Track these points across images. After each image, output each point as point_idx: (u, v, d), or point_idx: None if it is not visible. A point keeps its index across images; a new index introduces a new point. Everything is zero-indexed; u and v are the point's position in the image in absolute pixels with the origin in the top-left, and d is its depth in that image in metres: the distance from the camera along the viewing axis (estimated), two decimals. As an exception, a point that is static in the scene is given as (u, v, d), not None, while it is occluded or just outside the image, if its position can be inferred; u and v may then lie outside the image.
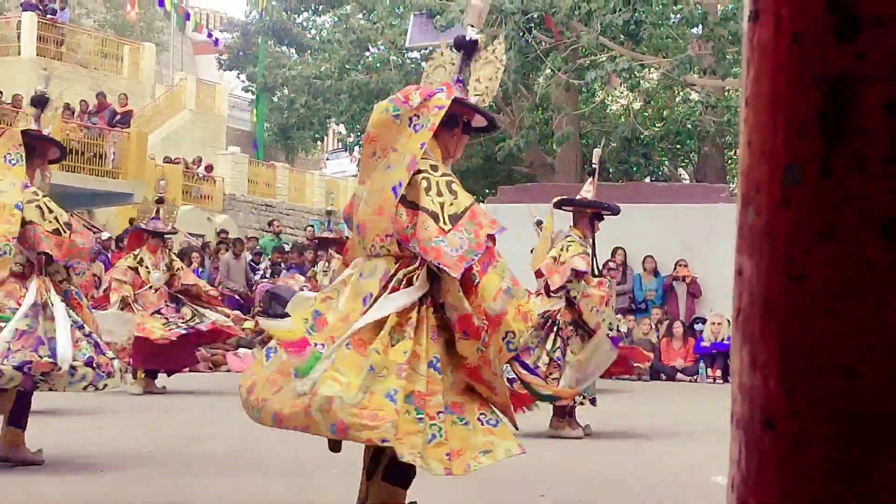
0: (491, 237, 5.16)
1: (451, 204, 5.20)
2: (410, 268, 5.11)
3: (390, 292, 5.10)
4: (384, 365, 4.95)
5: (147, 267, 13.36)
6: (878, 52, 1.17)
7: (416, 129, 5.27)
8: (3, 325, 7.30)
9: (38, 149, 7.77)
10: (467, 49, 5.68)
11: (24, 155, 7.53)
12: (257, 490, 6.95)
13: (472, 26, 5.74)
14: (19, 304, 7.38)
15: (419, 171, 5.26)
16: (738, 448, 1.24)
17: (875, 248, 1.14)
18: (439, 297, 5.10)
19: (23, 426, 7.58)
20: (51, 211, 7.54)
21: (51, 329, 7.36)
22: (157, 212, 14.01)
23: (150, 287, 13.32)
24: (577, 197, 10.24)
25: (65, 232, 7.54)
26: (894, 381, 1.14)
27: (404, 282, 5.11)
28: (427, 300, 5.13)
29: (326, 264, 16.55)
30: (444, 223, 5.12)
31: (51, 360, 7.24)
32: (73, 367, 7.31)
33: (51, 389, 7.50)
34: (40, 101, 8.14)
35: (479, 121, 5.65)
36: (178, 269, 13.75)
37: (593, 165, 10.46)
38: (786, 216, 1.20)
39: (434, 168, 5.31)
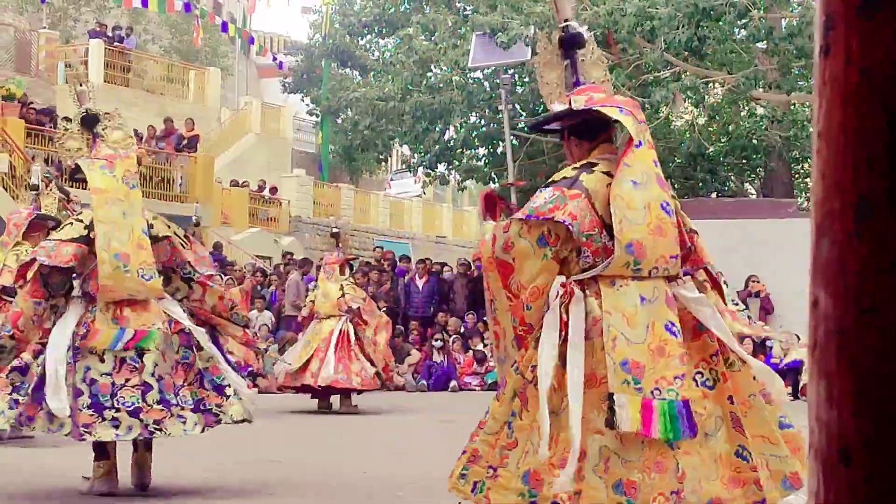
0: None
1: (684, 223, 5.21)
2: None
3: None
4: None
5: None
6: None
7: (639, 145, 5.10)
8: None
9: None
10: (578, 43, 5.54)
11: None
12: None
13: (568, 20, 5.62)
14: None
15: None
16: (817, 480, 1.24)
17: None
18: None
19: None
20: (168, 227, 7.79)
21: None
22: (192, 235, 14.03)
23: None
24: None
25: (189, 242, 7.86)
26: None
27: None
28: None
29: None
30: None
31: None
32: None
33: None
34: (89, 121, 8.12)
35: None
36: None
37: None
38: (858, 249, 1.21)
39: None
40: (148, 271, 7.41)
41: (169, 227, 7.77)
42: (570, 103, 5.27)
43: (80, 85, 8.41)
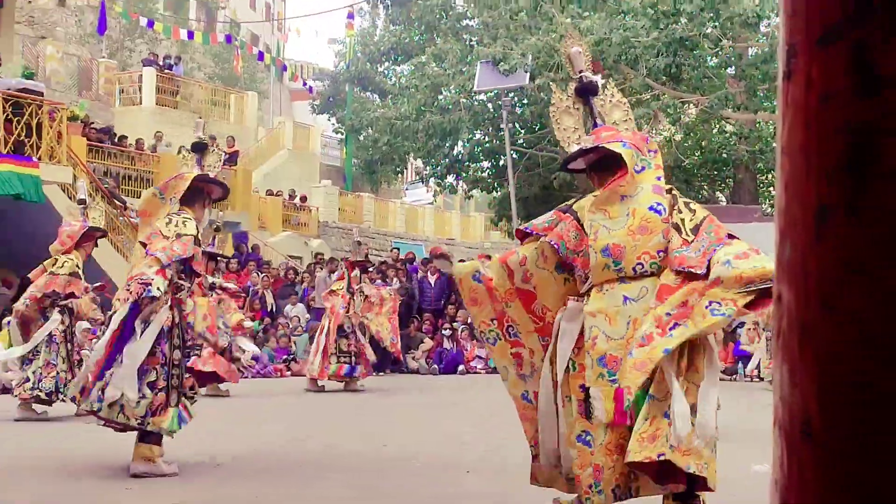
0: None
1: (690, 220, 4.97)
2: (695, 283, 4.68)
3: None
4: None
5: None
6: (898, 107, 1.17)
7: (640, 170, 5.03)
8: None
9: (204, 190, 7.75)
10: (592, 91, 5.54)
11: (175, 197, 7.52)
12: (340, 485, 6.99)
13: (583, 71, 5.59)
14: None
15: (669, 190, 5.10)
16: (781, 452, 1.24)
17: (898, 280, 1.15)
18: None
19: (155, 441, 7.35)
20: (177, 225, 7.35)
21: None
22: (214, 239, 14.04)
23: None
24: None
25: (172, 239, 7.31)
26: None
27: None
28: None
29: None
30: (687, 235, 4.88)
31: None
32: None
33: None
34: (199, 147, 8.15)
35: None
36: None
37: None
38: (818, 252, 1.21)
39: (670, 190, 5.12)
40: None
41: (172, 223, 7.43)
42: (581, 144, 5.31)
43: (199, 118, 8.52)
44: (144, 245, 7.36)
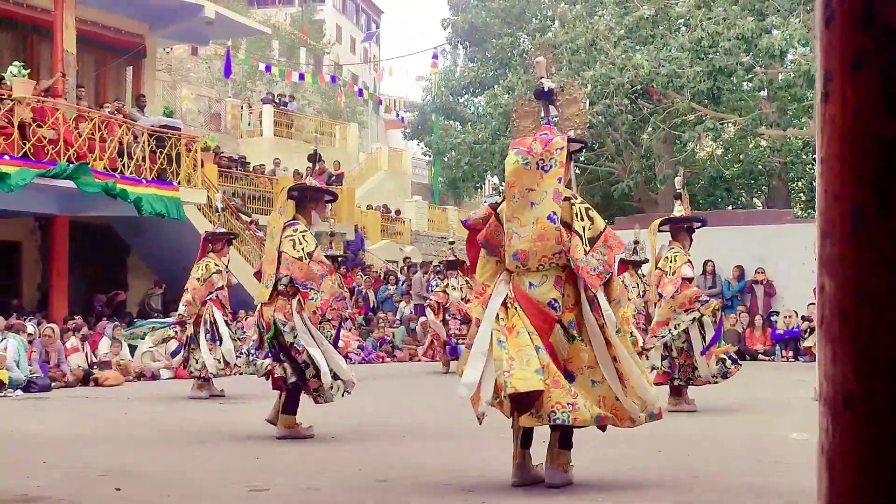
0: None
1: (589, 229, 5.17)
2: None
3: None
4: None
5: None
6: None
7: (546, 169, 5.21)
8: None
9: (309, 197, 7.63)
10: (547, 96, 5.65)
11: (290, 209, 7.52)
12: (431, 451, 7.00)
13: (544, 77, 5.68)
14: (287, 319, 7.33)
15: (567, 199, 5.22)
16: (826, 423, 1.23)
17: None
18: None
19: (293, 412, 7.55)
20: (300, 242, 7.36)
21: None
22: (331, 243, 14.46)
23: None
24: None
25: (306, 259, 7.36)
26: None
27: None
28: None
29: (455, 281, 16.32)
30: (585, 245, 5.13)
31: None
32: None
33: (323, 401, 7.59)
34: (313, 157, 8.23)
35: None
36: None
37: (678, 190, 10.03)
38: (855, 248, 1.19)
39: (575, 196, 5.28)
40: (269, 281, 7.41)
41: (299, 244, 7.41)
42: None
43: (316, 133, 8.65)
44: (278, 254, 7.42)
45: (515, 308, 5.18)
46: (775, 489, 5.29)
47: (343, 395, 7.60)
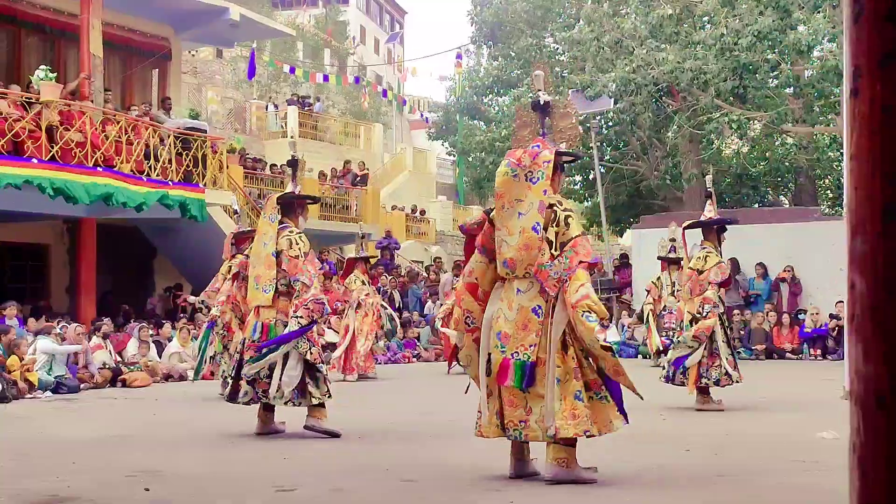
0: (589, 264, 5.40)
1: (563, 234, 5.42)
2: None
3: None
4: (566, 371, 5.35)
5: None
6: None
7: (534, 181, 5.40)
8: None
9: (296, 204, 8.00)
10: (543, 109, 5.83)
11: (278, 216, 7.82)
12: (459, 452, 7.01)
13: (541, 90, 5.83)
14: (287, 319, 7.54)
15: (550, 206, 5.34)
16: (858, 421, 1.22)
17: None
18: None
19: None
20: (297, 243, 7.66)
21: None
22: (362, 245, 14.58)
23: None
24: (703, 218, 9.82)
25: (301, 258, 7.61)
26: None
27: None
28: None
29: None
30: (554, 250, 5.38)
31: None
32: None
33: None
34: (293, 164, 8.45)
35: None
36: None
37: (708, 189, 10.01)
38: (885, 245, 1.18)
39: (560, 203, 5.45)
40: (269, 286, 7.63)
41: (296, 244, 7.70)
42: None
43: (292, 138, 8.86)
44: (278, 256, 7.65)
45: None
46: (804, 488, 5.26)
47: (286, 405, 7.70)
